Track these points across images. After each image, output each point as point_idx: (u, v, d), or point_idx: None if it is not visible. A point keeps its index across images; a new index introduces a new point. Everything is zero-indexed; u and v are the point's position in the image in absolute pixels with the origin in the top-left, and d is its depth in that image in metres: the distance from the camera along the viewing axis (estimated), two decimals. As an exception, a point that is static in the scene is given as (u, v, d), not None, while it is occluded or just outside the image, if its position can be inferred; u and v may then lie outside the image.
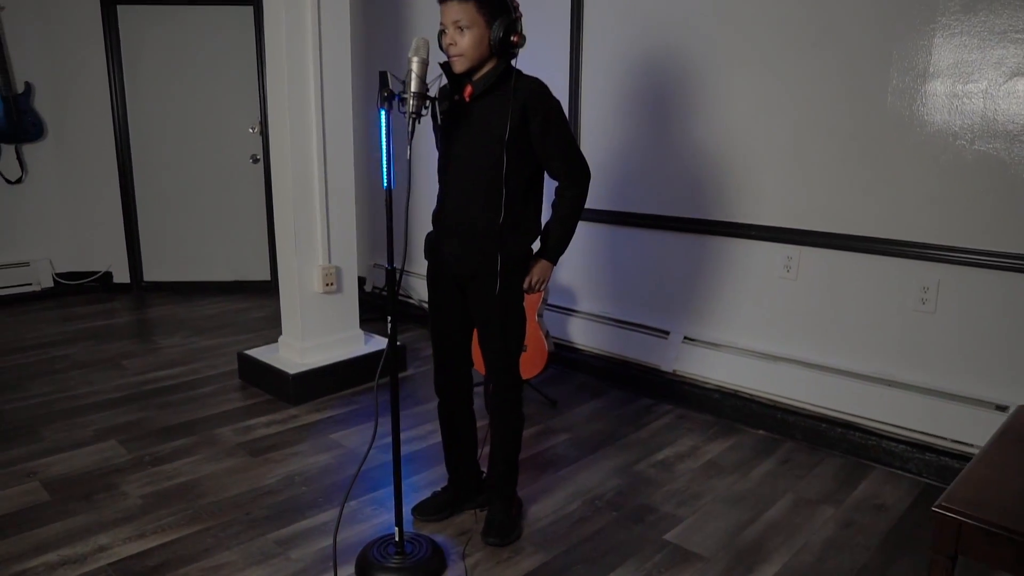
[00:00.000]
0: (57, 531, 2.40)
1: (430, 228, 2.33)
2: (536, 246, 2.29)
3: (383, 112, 1.98)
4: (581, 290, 4.00)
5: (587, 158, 3.21)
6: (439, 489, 2.58)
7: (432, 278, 2.33)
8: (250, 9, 5.23)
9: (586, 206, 3.78)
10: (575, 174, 2.20)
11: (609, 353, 3.85)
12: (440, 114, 2.10)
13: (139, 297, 5.54)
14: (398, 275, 2.10)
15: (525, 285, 2.23)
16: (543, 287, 2.27)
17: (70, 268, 5.56)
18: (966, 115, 2.67)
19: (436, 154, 2.28)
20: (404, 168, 4.87)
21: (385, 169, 2.03)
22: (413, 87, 1.95)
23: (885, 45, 2.80)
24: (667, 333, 3.62)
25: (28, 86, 5.19)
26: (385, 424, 3.20)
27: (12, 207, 5.27)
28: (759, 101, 3.17)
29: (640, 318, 3.75)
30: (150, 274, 5.67)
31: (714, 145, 3.34)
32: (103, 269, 5.62)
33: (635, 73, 3.57)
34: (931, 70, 2.73)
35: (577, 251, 3.97)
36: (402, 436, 3.13)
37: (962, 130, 2.69)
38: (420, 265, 3.20)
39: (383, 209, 4.60)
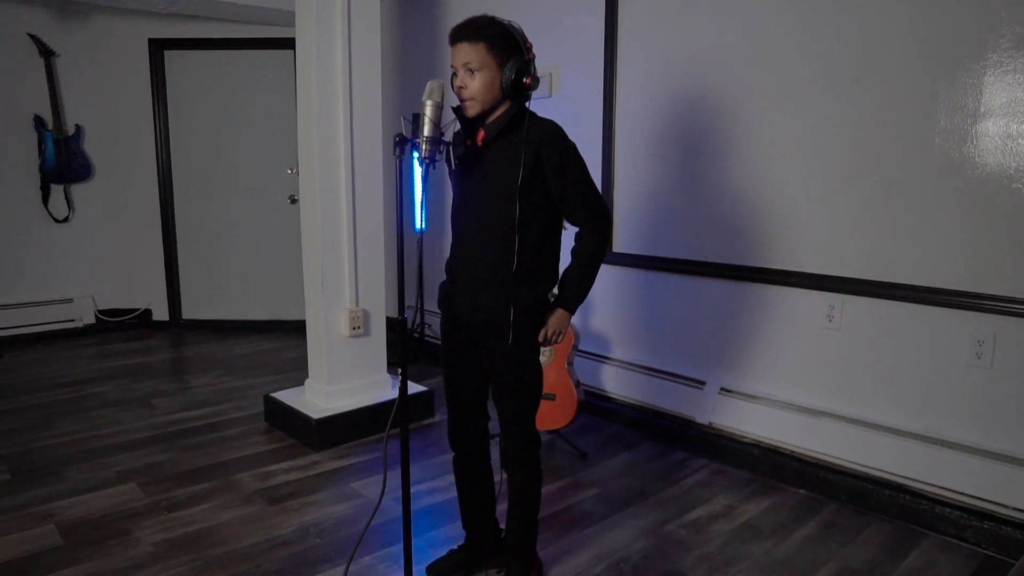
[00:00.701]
0: (65, 579, 2.36)
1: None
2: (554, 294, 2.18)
3: (414, 156, 1.92)
4: (614, 337, 3.87)
5: (620, 201, 3.11)
6: (455, 547, 2.46)
7: (445, 329, 2.24)
8: (291, 53, 5.31)
9: (619, 250, 3.76)
10: (594, 220, 2.10)
11: (642, 403, 3.70)
12: (454, 159, 2.03)
13: (177, 335, 5.59)
14: (417, 317, 2.02)
15: (541, 337, 2.12)
16: (560, 339, 2.16)
17: (112, 305, 5.66)
18: (1022, 157, 2.51)
19: None
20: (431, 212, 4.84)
21: (396, 212, 1.96)
22: (426, 132, 1.89)
23: (931, 84, 2.66)
24: (703, 383, 3.46)
25: (78, 128, 5.35)
26: (398, 476, 3.12)
27: (58, 245, 5.40)
28: (797, 142, 3.05)
29: (675, 367, 3.60)
30: (189, 312, 5.73)
31: (750, 188, 3.21)
32: (143, 307, 5.70)
33: (669, 114, 3.48)
34: (982, 109, 2.57)
35: (610, 297, 3.86)
36: (423, 487, 3.05)
37: (1018, 172, 2.52)
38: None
39: (415, 252, 4.60)
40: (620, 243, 3.78)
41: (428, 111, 1.90)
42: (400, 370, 2.03)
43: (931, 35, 2.65)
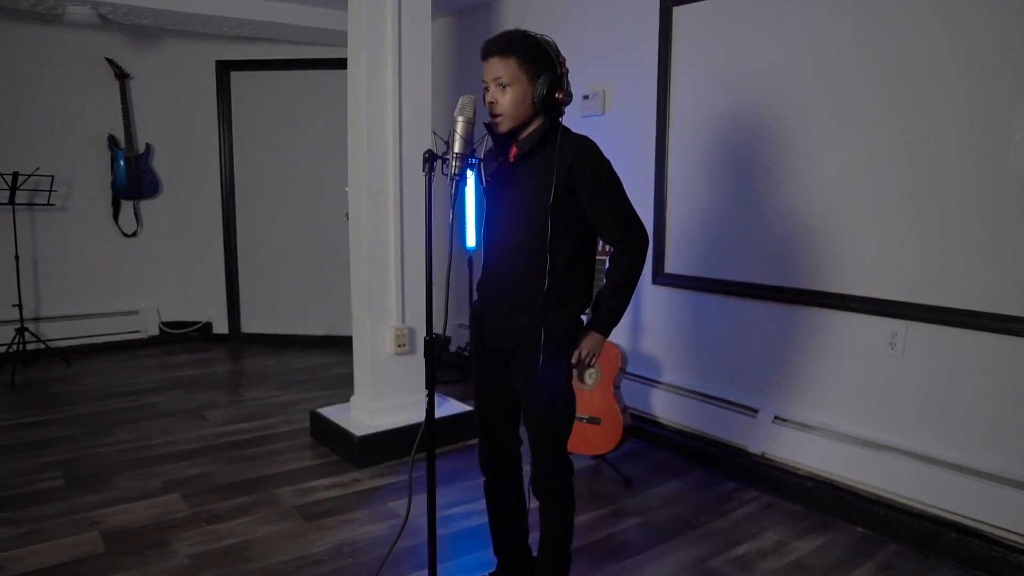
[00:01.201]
0: (101, 588, 2.39)
1: None
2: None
3: (472, 167, 1.89)
4: (665, 360, 3.75)
5: (672, 221, 3.02)
6: (486, 574, 2.39)
7: (476, 350, 2.19)
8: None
9: (671, 271, 3.65)
10: (630, 239, 2.02)
11: (693, 429, 3.56)
12: (486, 176, 1.99)
13: (235, 348, 5.71)
14: (439, 343, 1.98)
15: (574, 360, 2.05)
16: (593, 361, 2.08)
17: (175, 318, 5.84)
18: (1105, 177, 2.31)
19: None
20: (453, 231, 4.82)
21: (425, 231, 1.93)
22: (456, 148, 1.86)
23: (1007, 96, 2.48)
24: (756, 411, 3.31)
25: (148, 147, 5.56)
26: (437, 497, 3.07)
27: (127, 259, 5.60)
28: (858, 159, 2.90)
29: (727, 393, 3.46)
30: (248, 326, 5.85)
31: (807, 207, 3.07)
32: (204, 320, 5.86)
33: (723, 132, 3.37)
34: (1060, 126, 2.39)
35: (661, 318, 3.74)
36: (461, 510, 3.00)
37: (1101, 193, 2.33)
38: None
39: (466, 269, 4.59)
40: (672, 264, 3.67)
41: (459, 127, 1.86)
42: (428, 392, 1.99)
43: (1005, 45, 2.48)
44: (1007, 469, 2.57)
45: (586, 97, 4.01)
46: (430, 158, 1.87)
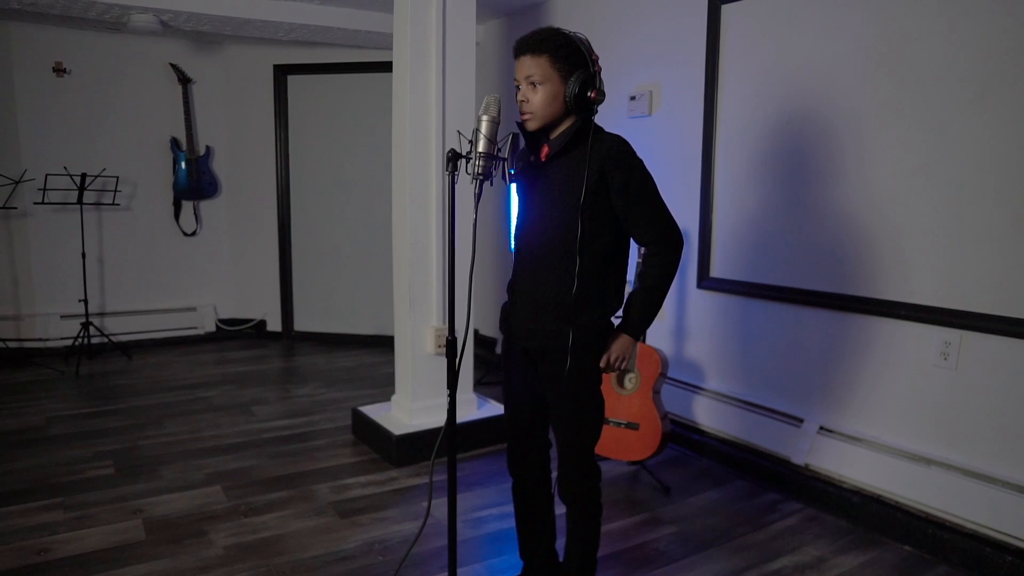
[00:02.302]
0: (138, 573, 2.46)
1: None
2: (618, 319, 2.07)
3: (508, 170, 1.90)
4: (708, 366, 3.66)
5: (719, 223, 2.95)
6: (512, 577, 2.38)
7: (506, 352, 2.17)
8: (403, 76, 5.48)
9: (716, 275, 3.57)
10: (663, 240, 1.97)
11: (735, 438, 3.47)
12: (510, 175, 1.97)
13: (288, 346, 5.84)
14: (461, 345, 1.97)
15: (603, 363, 2.01)
16: (624, 365, 2.04)
17: (231, 315, 6.01)
18: None
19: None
20: (479, 231, 4.81)
21: (448, 231, 1.92)
22: (480, 147, 1.85)
23: (1068, 96, 2.34)
24: (801, 421, 3.20)
25: (208, 149, 5.74)
26: (471, 499, 3.09)
27: (186, 257, 5.80)
28: (912, 162, 2.77)
29: (771, 401, 3.35)
30: (300, 324, 5.98)
31: (858, 211, 2.96)
32: (259, 317, 6.01)
33: (772, 133, 3.28)
34: None
35: (706, 324, 3.66)
36: (495, 511, 2.99)
37: None
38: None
39: (506, 272, 4.57)
40: (717, 268, 3.59)
41: (484, 127, 1.86)
42: (449, 393, 1.98)
43: (1068, 40, 2.34)
44: (1068, 490, 2.42)
45: (632, 98, 3.96)
46: (453, 157, 1.87)
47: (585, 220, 1.92)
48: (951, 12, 2.62)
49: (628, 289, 2.04)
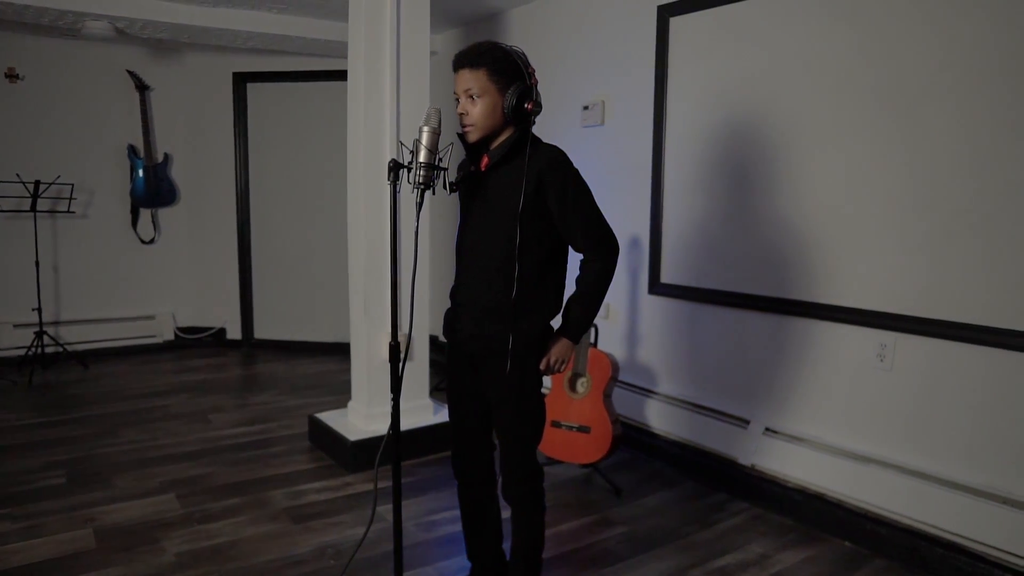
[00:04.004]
0: (88, 583, 2.46)
1: None
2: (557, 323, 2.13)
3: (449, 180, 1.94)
4: (659, 370, 3.74)
5: (668, 230, 3.01)
6: (461, 578, 2.42)
7: (449, 357, 2.22)
8: (363, 84, 5.51)
9: (666, 281, 3.65)
10: (599, 247, 2.04)
11: (685, 440, 3.55)
12: (450, 185, 2.03)
13: (248, 354, 5.82)
14: (405, 347, 2.02)
15: (542, 366, 2.07)
16: (563, 368, 2.10)
17: (190, 323, 5.97)
18: (1092, 188, 2.28)
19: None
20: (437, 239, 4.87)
21: (391, 240, 1.97)
22: (421, 158, 1.90)
23: (1000, 108, 2.45)
24: (747, 422, 3.29)
25: (166, 156, 5.71)
26: (425, 502, 3.12)
27: (144, 265, 5.75)
28: (849, 172, 2.88)
29: (719, 404, 3.44)
30: (260, 332, 5.96)
31: (799, 218, 3.06)
32: (219, 326, 5.98)
33: (718, 143, 3.38)
34: (1049, 136, 2.36)
35: (656, 328, 3.74)
36: (447, 515, 3.03)
37: (1089, 205, 2.29)
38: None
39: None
40: (668, 274, 3.67)
41: (424, 138, 1.90)
42: (392, 398, 2.02)
43: (994, 58, 2.46)
44: (995, 485, 2.53)
45: (586, 108, 4.04)
46: (394, 167, 1.91)
47: (524, 227, 1.98)
48: (885, 32, 2.74)
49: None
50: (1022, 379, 2.45)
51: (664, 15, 3.58)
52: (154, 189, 5.64)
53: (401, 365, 2.05)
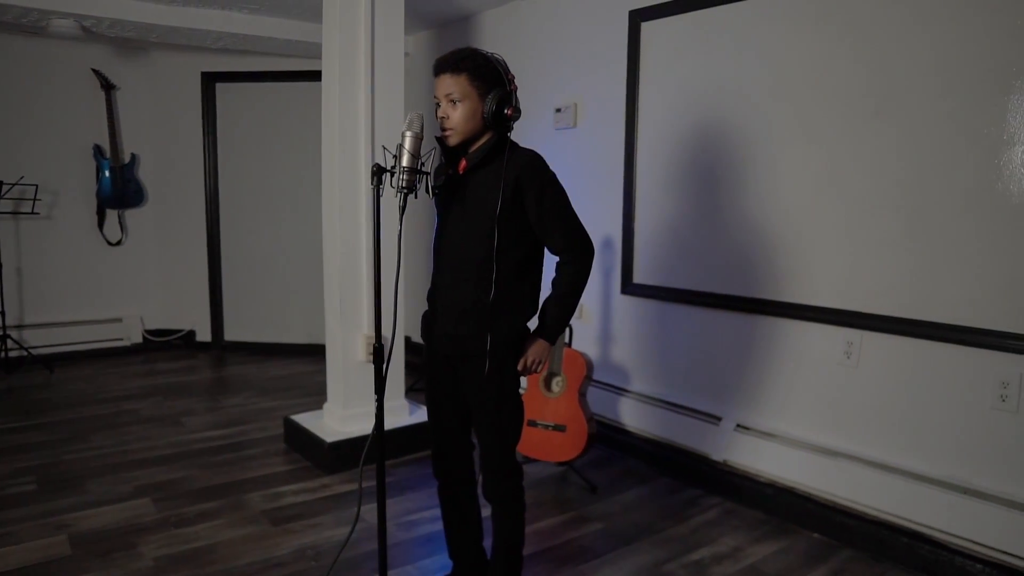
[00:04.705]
0: (65, 589, 2.44)
1: None
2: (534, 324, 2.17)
3: (431, 184, 1.96)
4: (632, 368, 3.81)
5: (640, 231, 3.04)
6: (442, 576, 2.45)
7: (427, 359, 2.25)
8: (334, 85, 5.49)
9: (639, 281, 3.72)
10: (574, 249, 2.09)
11: (659, 437, 3.61)
12: (433, 188, 2.06)
13: (218, 356, 5.76)
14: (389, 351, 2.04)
15: (520, 366, 2.11)
16: (539, 368, 2.14)
17: (159, 326, 5.90)
18: (1047, 191, 2.39)
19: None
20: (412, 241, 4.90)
21: (374, 242, 1.99)
22: (404, 162, 1.93)
23: (955, 113, 2.56)
24: (719, 419, 3.37)
25: (134, 157, 5.63)
26: (403, 503, 3.15)
27: (111, 267, 5.67)
28: (816, 174, 2.97)
29: (691, 401, 3.52)
30: (231, 334, 5.90)
31: (767, 219, 3.14)
32: (188, 328, 5.91)
33: (689, 146, 3.45)
34: (1005, 139, 2.46)
35: (629, 328, 3.81)
36: (426, 515, 3.05)
37: (1044, 207, 2.40)
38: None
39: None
40: (640, 274, 3.74)
41: (407, 142, 1.93)
42: (377, 399, 2.05)
43: (955, 64, 2.56)
44: (957, 476, 2.63)
45: (558, 111, 4.09)
46: (378, 171, 1.94)
47: (502, 230, 2.01)
48: (850, 37, 2.83)
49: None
50: (981, 374, 2.55)
51: (636, 20, 3.64)
52: (121, 190, 5.56)
53: (385, 366, 2.06)
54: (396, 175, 1.93)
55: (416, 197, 2.02)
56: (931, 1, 2.61)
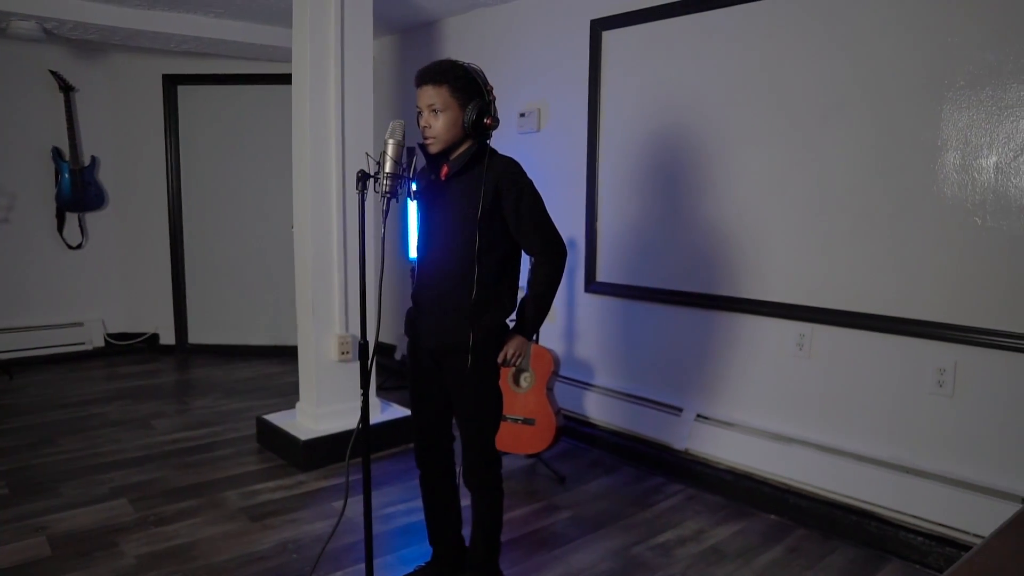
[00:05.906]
0: (49, 588, 2.47)
1: None
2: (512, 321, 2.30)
3: (402, 186, 2.07)
4: (597, 364, 3.96)
5: (603, 232, 3.15)
6: (422, 564, 2.55)
7: (411, 354, 2.36)
8: (298, 88, 5.53)
9: (602, 279, 3.87)
10: (549, 251, 2.23)
11: (623, 429, 3.77)
12: (415, 194, 2.17)
13: (183, 359, 5.75)
14: (372, 349, 2.14)
15: (500, 358, 2.24)
16: (518, 361, 2.27)
17: (121, 329, 5.85)
18: (978, 190, 2.60)
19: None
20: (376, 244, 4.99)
21: (359, 243, 2.09)
22: (387, 168, 2.03)
23: (894, 120, 2.77)
24: (680, 410, 3.54)
25: (94, 159, 5.58)
26: (379, 496, 3.24)
27: (71, 270, 5.60)
28: (769, 177, 3.16)
29: (654, 394, 3.68)
30: (195, 337, 5.89)
31: (723, 219, 3.32)
32: (151, 331, 5.88)
33: (649, 149, 3.61)
34: (939, 144, 2.67)
35: (593, 325, 3.96)
36: (403, 507, 3.15)
37: (974, 206, 2.61)
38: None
39: (409, 279, 4.74)
40: (603, 273, 3.89)
41: (390, 150, 2.04)
42: (362, 392, 2.14)
43: (895, 76, 2.76)
44: (899, 457, 2.83)
45: (522, 115, 4.21)
46: (363, 177, 2.04)
47: (482, 233, 2.13)
48: (801, 44, 3.02)
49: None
50: (923, 363, 2.76)
51: (597, 29, 3.79)
52: (81, 193, 5.51)
53: (370, 362, 2.15)
54: (380, 181, 2.03)
55: (398, 201, 2.13)
56: (871, 20, 2.81)
